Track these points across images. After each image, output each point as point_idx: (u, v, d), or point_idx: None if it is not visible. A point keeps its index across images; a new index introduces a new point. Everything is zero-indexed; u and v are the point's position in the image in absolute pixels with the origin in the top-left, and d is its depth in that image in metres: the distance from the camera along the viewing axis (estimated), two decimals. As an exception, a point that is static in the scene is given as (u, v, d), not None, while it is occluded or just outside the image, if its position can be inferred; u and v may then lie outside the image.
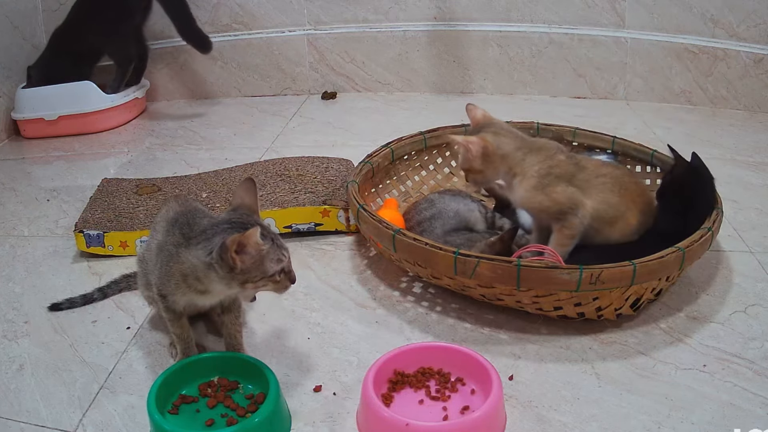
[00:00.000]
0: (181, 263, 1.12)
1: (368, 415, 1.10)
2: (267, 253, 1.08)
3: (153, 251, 1.20)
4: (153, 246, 1.21)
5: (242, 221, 1.11)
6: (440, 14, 2.64)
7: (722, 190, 1.52)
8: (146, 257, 1.26)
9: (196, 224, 1.14)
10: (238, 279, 1.08)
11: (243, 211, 1.14)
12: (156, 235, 1.20)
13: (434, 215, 1.57)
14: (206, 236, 1.10)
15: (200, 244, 1.10)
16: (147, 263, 1.25)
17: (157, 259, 1.17)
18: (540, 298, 1.30)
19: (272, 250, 1.09)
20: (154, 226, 1.24)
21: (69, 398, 1.20)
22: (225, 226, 1.10)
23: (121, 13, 2.39)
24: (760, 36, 2.38)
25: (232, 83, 2.76)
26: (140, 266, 1.30)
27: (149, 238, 1.27)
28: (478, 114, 1.49)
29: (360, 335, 1.34)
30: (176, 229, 1.14)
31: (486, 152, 1.39)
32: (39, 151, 2.32)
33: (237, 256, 1.05)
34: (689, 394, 1.17)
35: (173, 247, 1.13)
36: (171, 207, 1.23)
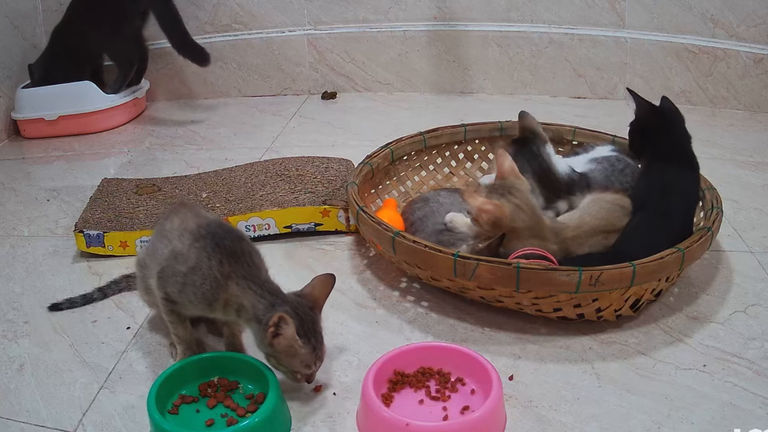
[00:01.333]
0: (230, 295, 1.13)
1: (368, 415, 1.10)
2: (301, 354, 1.11)
3: (163, 257, 1.19)
4: (165, 252, 1.19)
5: (302, 313, 1.12)
6: (440, 14, 2.64)
7: (722, 190, 1.53)
8: (148, 262, 1.25)
9: (253, 267, 1.15)
10: (265, 348, 1.12)
11: (308, 303, 1.15)
12: (168, 243, 1.19)
13: (426, 214, 1.57)
14: (273, 300, 1.12)
15: (264, 299, 1.12)
16: (148, 269, 1.24)
17: (182, 272, 1.15)
18: (539, 299, 1.30)
19: (307, 354, 1.12)
20: (164, 232, 1.22)
21: (69, 398, 1.20)
22: (289, 306, 1.12)
23: (119, 17, 2.38)
24: (760, 36, 2.38)
25: (232, 83, 2.76)
26: (140, 270, 1.29)
27: (154, 242, 1.25)
28: (506, 166, 1.43)
29: (360, 335, 1.34)
30: (222, 257, 1.13)
31: (497, 222, 1.34)
32: (39, 151, 2.31)
33: (272, 336, 1.09)
34: (689, 394, 1.17)
35: (222, 277, 1.13)
36: (187, 217, 1.21)
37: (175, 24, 2.36)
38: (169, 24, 2.36)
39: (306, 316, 1.13)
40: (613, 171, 1.60)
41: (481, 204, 1.31)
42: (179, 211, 1.24)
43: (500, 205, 1.33)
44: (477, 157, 1.92)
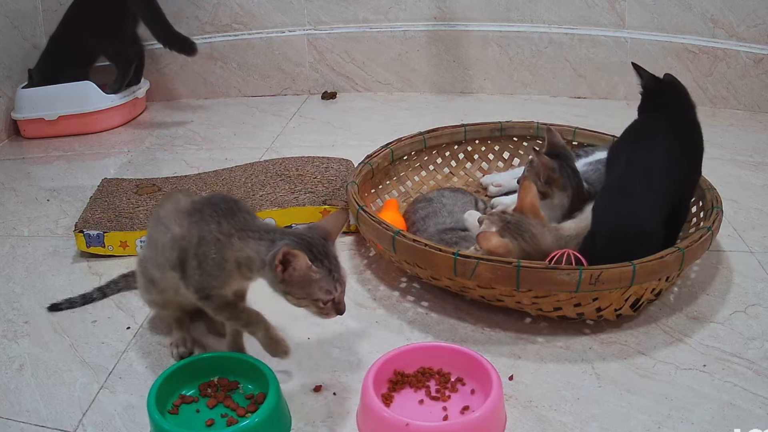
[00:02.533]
0: (238, 251, 1.12)
1: (368, 415, 1.10)
2: (317, 279, 1.08)
3: (165, 245, 1.18)
4: (165, 240, 1.18)
5: (309, 239, 1.10)
6: (440, 14, 2.64)
7: (722, 190, 1.53)
8: (147, 255, 1.25)
9: (249, 219, 1.15)
10: (280, 288, 1.09)
11: (318, 233, 1.13)
12: (166, 230, 1.18)
13: (428, 214, 1.57)
14: (272, 237, 1.11)
15: (263, 240, 1.10)
16: (149, 260, 1.24)
17: (192, 253, 1.14)
18: (539, 298, 1.30)
19: (325, 279, 1.09)
20: (160, 219, 1.21)
21: (69, 398, 1.20)
22: (293, 237, 1.10)
23: (116, 17, 2.39)
24: (760, 36, 2.38)
25: (232, 83, 2.76)
26: (141, 266, 1.29)
27: (151, 233, 1.24)
28: (527, 200, 1.40)
29: (360, 335, 1.34)
30: (219, 218, 1.13)
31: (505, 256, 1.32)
32: (39, 151, 2.31)
33: (281, 268, 1.06)
34: (689, 394, 1.17)
35: (223, 236, 1.12)
36: (180, 199, 1.21)
37: (156, 18, 2.36)
38: (151, 19, 2.37)
39: (315, 241, 1.10)
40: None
41: (494, 248, 1.30)
42: (171, 197, 1.24)
43: (510, 251, 1.30)
44: (477, 157, 1.92)
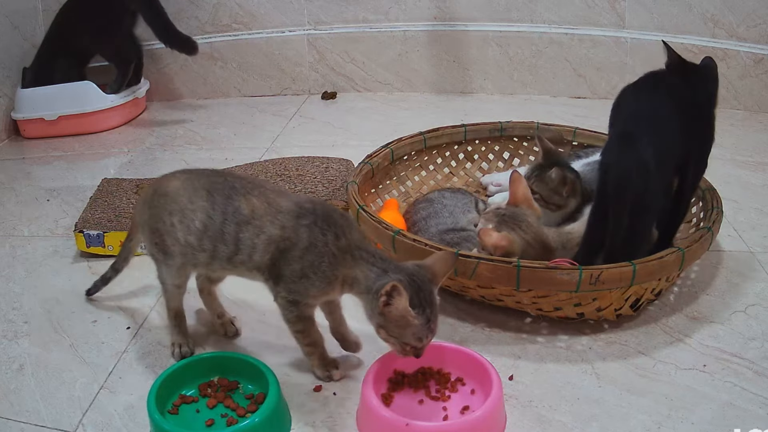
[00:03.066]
0: (349, 269, 1.11)
1: (368, 415, 1.10)
2: (414, 325, 1.07)
3: (255, 248, 1.14)
4: (255, 241, 1.13)
5: (419, 282, 1.08)
6: (440, 14, 2.64)
7: (722, 190, 1.53)
8: (206, 244, 1.17)
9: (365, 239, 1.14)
10: (376, 319, 1.09)
11: (427, 275, 1.10)
12: (258, 231, 1.13)
13: (430, 214, 1.57)
14: (385, 266, 1.10)
15: (375, 267, 1.10)
16: (205, 251, 1.17)
17: (296, 256, 1.11)
18: (540, 298, 1.30)
19: (420, 326, 1.07)
20: (241, 217, 1.14)
21: (69, 398, 1.20)
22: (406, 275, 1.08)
23: (113, 16, 2.39)
24: (760, 36, 2.38)
25: (232, 83, 2.76)
26: (189, 252, 1.19)
27: (221, 227, 1.16)
28: (519, 192, 1.41)
29: (360, 335, 1.34)
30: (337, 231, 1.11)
31: (504, 252, 1.33)
32: (39, 151, 2.31)
33: (384, 300, 1.05)
34: (689, 394, 1.17)
35: (339, 251, 1.10)
36: (269, 197, 1.15)
37: (158, 17, 2.37)
38: (152, 18, 2.37)
39: (424, 285, 1.08)
40: None
41: (496, 242, 1.31)
42: (252, 192, 1.16)
43: (512, 242, 1.32)
44: (477, 157, 1.92)
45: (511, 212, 1.39)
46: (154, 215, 1.22)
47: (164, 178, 1.25)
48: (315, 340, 1.21)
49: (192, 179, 1.21)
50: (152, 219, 1.22)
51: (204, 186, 1.19)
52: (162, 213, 1.21)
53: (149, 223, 1.23)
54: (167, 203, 1.20)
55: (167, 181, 1.23)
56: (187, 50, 2.42)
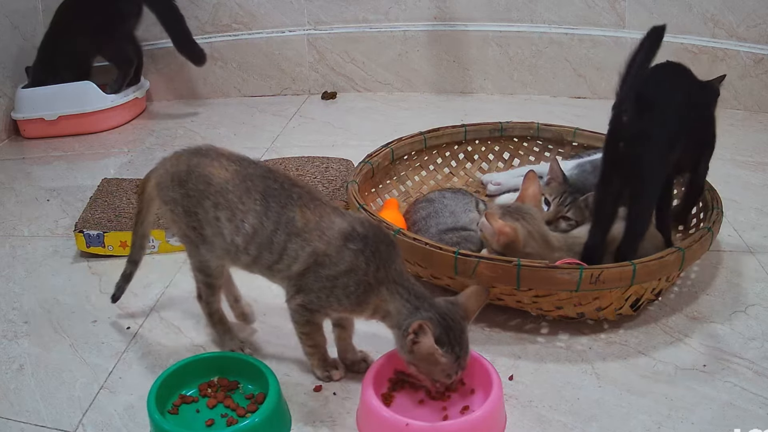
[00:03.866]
0: (382, 300, 1.10)
1: (368, 415, 1.10)
2: (442, 363, 1.07)
3: (296, 257, 1.12)
4: (299, 253, 1.11)
5: (450, 320, 1.08)
6: (440, 14, 2.64)
7: (722, 190, 1.53)
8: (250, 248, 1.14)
9: (403, 272, 1.12)
10: (406, 356, 1.09)
11: (459, 313, 1.10)
12: (305, 243, 1.11)
13: (430, 214, 1.57)
14: (418, 304, 1.09)
15: (409, 303, 1.09)
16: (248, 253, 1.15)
17: (330, 275, 1.10)
18: (540, 298, 1.30)
19: (449, 364, 1.07)
20: (294, 229, 1.12)
21: (69, 398, 1.20)
22: (437, 314, 1.07)
23: (114, 18, 2.39)
24: (760, 36, 2.38)
25: (232, 83, 2.76)
26: (228, 250, 1.17)
27: (268, 232, 1.13)
28: (530, 191, 1.42)
29: (360, 335, 1.33)
30: (378, 263, 1.09)
31: (510, 245, 1.33)
32: (39, 151, 2.31)
33: (412, 338, 1.05)
34: (689, 394, 1.17)
35: (375, 282, 1.09)
36: (327, 213, 1.13)
37: (177, 22, 2.37)
38: (171, 22, 2.37)
39: (455, 324, 1.08)
40: (593, 172, 1.61)
41: (501, 226, 1.31)
42: (308, 205, 1.13)
43: (517, 230, 1.33)
44: (477, 157, 1.92)
45: (516, 206, 1.40)
46: (192, 198, 1.18)
47: (205, 160, 1.19)
48: (318, 342, 1.21)
49: (244, 177, 1.16)
50: (189, 202, 1.18)
51: (259, 189, 1.15)
52: (204, 201, 1.16)
53: (183, 204, 1.19)
54: (212, 193, 1.16)
55: (210, 167, 1.17)
56: (194, 60, 2.43)
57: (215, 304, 1.29)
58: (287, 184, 1.16)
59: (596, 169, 1.51)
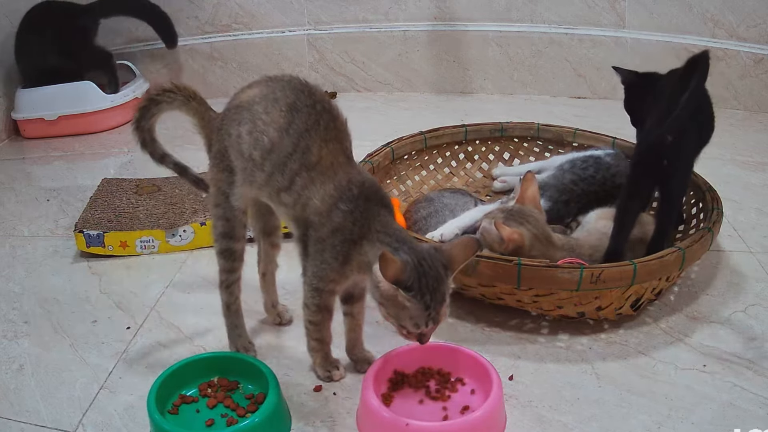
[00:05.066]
0: (362, 254, 1.07)
1: (368, 415, 1.10)
2: (407, 308, 1.02)
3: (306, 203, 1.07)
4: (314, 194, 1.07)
5: (428, 266, 1.03)
6: (440, 14, 2.64)
7: (722, 190, 1.53)
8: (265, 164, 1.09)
9: (386, 219, 1.07)
10: (376, 294, 1.05)
11: (442, 260, 1.04)
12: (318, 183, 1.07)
13: (431, 213, 1.57)
14: (398, 246, 1.04)
15: (389, 246, 1.04)
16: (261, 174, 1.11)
17: (321, 237, 1.07)
18: (540, 297, 1.30)
19: (417, 311, 1.02)
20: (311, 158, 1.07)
21: (69, 398, 1.20)
22: (414, 255, 1.03)
23: (81, 35, 2.42)
24: (760, 36, 2.38)
25: (232, 83, 2.75)
26: (245, 168, 1.13)
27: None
28: (529, 192, 1.43)
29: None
30: (363, 220, 1.06)
31: (517, 251, 1.32)
32: (39, 151, 2.31)
33: (380, 277, 1.00)
34: (689, 394, 1.17)
35: (358, 237, 1.06)
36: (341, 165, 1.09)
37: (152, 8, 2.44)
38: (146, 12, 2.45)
39: (431, 270, 1.02)
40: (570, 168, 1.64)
41: (510, 233, 1.31)
42: (329, 143, 1.08)
43: (524, 235, 1.33)
44: (477, 157, 1.92)
45: (517, 209, 1.40)
46: (221, 136, 1.16)
47: (242, 89, 1.17)
48: (324, 338, 1.20)
49: (275, 88, 1.11)
50: (220, 142, 1.16)
51: (287, 99, 1.09)
52: (231, 126, 1.13)
53: (219, 149, 1.17)
54: (238, 113, 1.13)
55: (241, 93, 1.16)
56: (168, 42, 2.48)
57: (236, 291, 1.26)
58: (320, 106, 1.10)
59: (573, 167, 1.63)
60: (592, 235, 1.44)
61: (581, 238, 1.44)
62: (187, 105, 1.23)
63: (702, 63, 1.35)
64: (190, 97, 1.23)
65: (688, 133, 1.35)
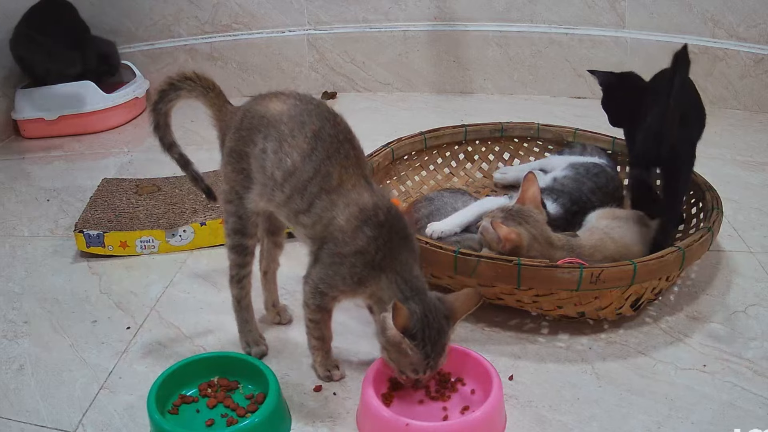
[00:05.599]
0: (379, 287, 1.10)
1: (368, 415, 1.10)
2: (410, 356, 1.07)
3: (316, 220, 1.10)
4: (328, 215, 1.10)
5: (432, 318, 1.07)
6: (440, 14, 2.64)
7: (722, 190, 1.53)
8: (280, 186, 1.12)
9: (410, 262, 1.11)
10: (381, 339, 1.10)
11: (444, 311, 1.09)
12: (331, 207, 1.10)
13: (431, 213, 1.57)
14: (409, 295, 1.08)
15: (402, 294, 1.08)
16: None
17: (341, 252, 1.10)
18: (540, 297, 1.30)
19: (417, 360, 1.08)
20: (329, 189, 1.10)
21: (69, 398, 1.20)
22: (419, 306, 1.07)
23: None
24: (760, 36, 2.38)
25: (232, 83, 2.76)
26: (265, 184, 1.15)
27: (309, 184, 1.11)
28: (530, 192, 1.42)
29: (360, 335, 1.34)
30: (386, 251, 1.09)
31: (515, 251, 1.32)
32: (39, 151, 2.31)
33: (390, 324, 1.05)
34: (689, 394, 1.17)
35: (379, 269, 1.09)
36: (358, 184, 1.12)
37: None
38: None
39: (434, 322, 1.07)
40: (586, 174, 1.62)
41: (507, 233, 1.31)
42: (349, 168, 1.12)
43: (521, 235, 1.33)
44: (477, 157, 1.92)
45: (517, 209, 1.40)
46: (243, 138, 1.16)
47: (263, 100, 1.18)
48: (324, 336, 1.20)
49: (302, 110, 1.14)
50: (241, 144, 1.17)
51: (312, 126, 1.12)
52: (255, 135, 1.15)
53: (236, 150, 1.18)
54: (264, 125, 1.14)
55: (267, 102, 1.17)
56: None
57: (246, 286, 1.27)
58: (342, 136, 1.14)
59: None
60: (594, 235, 1.43)
61: (582, 238, 1.44)
62: (206, 95, 1.24)
63: (681, 58, 1.37)
64: (209, 87, 1.25)
65: (682, 132, 1.37)
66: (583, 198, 1.57)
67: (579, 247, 1.38)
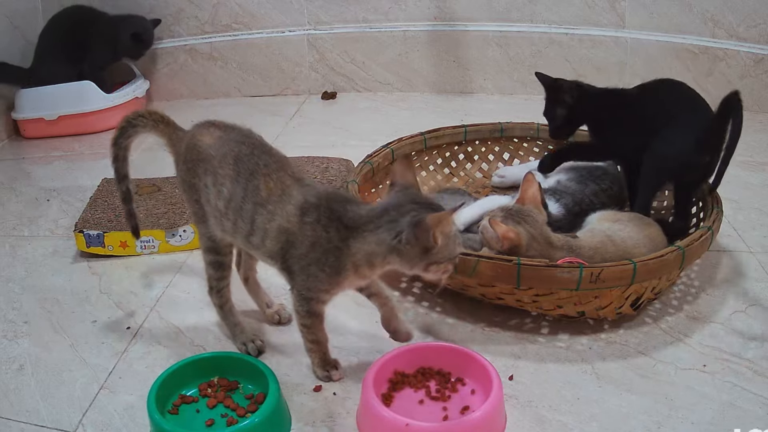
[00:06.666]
0: (354, 255, 1.08)
1: (368, 415, 1.10)
2: (456, 235, 1.08)
3: (267, 234, 1.12)
4: (266, 224, 1.12)
5: (428, 202, 1.10)
6: (440, 14, 2.64)
7: (722, 190, 1.53)
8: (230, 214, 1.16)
9: (357, 210, 1.10)
10: (426, 260, 1.06)
11: (415, 193, 1.11)
12: (271, 217, 1.12)
13: None
14: (390, 218, 1.07)
15: (381, 228, 1.06)
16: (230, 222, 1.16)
17: (301, 253, 1.10)
18: (540, 297, 1.30)
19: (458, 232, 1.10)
20: (260, 195, 1.13)
21: (69, 398, 1.20)
22: (412, 206, 1.07)
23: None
24: (760, 36, 2.38)
25: (232, 83, 2.76)
26: (216, 216, 1.19)
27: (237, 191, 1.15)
28: (530, 192, 1.43)
29: (360, 335, 1.34)
30: (336, 223, 1.08)
31: (513, 250, 1.32)
32: (39, 151, 2.31)
33: (439, 234, 1.04)
34: (689, 394, 1.17)
35: (342, 242, 1.08)
36: (288, 183, 1.14)
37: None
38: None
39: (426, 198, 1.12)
40: (589, 176, 1.62)
41: (505, 231, 1.31)
42: (272, 175, 1.14)
43: (520, 234, 1.33)
44: (477, 158, 1.92)
45: (517, 208, 1.40)
46: (190, 170, 1.22)
47: (199, 132, 1.23)
48: (319, 339, 1.20)
49: (223, 141, 1.20)
50: (189, 174, 1.22)
51: (232, 153, 1.17)
52: (197, 169, 1.20)
53: (186, 179, 1.23)
54: (201, 160, 1.20)
55: (201, 136, 1.22)
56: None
57: (226, 294, 1.30)
58: (258, 151, 1.17)
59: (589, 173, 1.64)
60: (595, 237, 1.43)
61: (583, 238, 1.44)
62: (157, 128, 1.30)
63: (735, 104, 1.58)
64: (159, 120, 1.30)
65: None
66: (586, 200, 1.57)
67: (579, 248, 1.38)
